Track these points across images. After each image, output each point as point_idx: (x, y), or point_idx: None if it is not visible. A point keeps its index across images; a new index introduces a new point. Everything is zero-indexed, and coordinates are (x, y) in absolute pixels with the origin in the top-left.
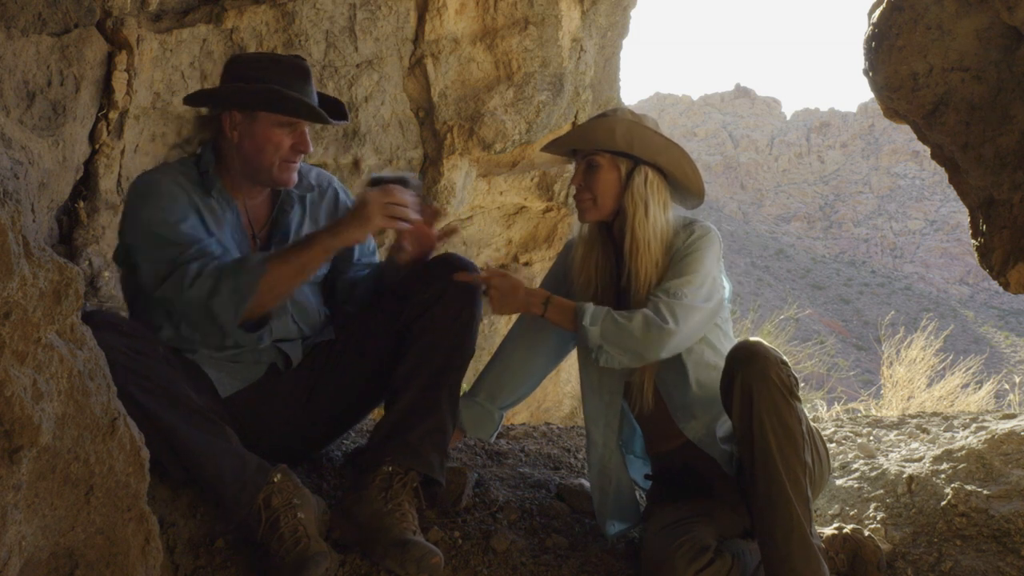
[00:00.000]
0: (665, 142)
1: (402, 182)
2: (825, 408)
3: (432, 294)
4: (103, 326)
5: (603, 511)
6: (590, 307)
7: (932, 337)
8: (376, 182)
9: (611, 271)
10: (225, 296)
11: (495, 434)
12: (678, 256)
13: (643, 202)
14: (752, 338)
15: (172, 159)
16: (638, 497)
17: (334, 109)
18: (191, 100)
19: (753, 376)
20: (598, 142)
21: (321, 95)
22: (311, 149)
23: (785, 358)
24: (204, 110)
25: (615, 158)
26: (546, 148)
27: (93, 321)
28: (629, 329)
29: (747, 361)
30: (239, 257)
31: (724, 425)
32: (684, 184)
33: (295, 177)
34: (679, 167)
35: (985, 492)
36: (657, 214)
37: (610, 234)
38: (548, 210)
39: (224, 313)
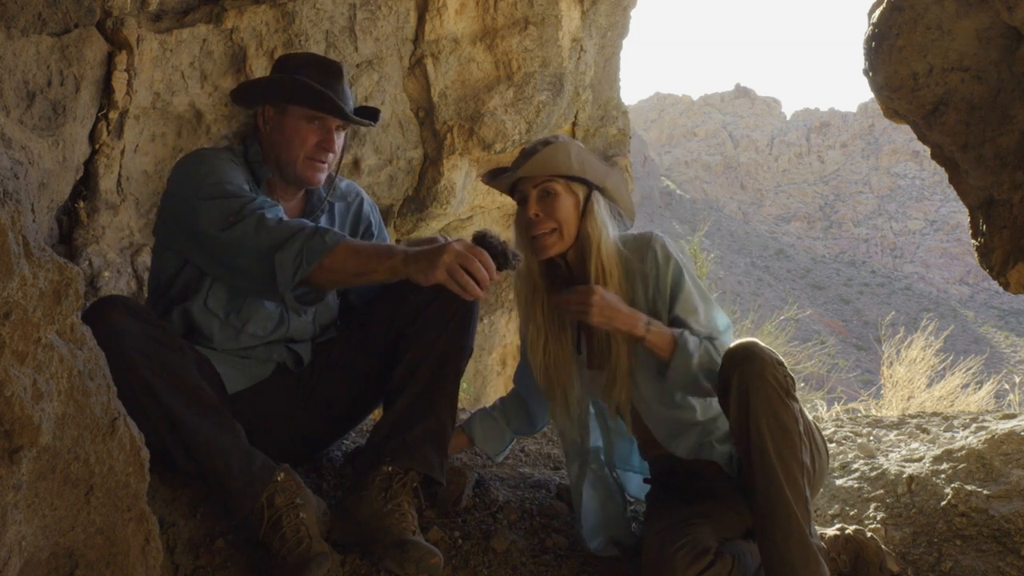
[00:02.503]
0: (606, 167)
1: (503, 255)
2: (825, 408)
3: (430, 293)
4: (121, 311)
5: (581, 529)
6: (690, 338)
7: (932, 337)
8: (481, 238)
9: (558, 311)
10: (290, 255)
11: (503, 454)
12: (657, 284)
13: (604, 227)
14: (748, 339)
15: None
16: (631, 511)
17: (368, 114)
18: (236, 96)
19: (749, 377)
20: (558, 167)
21: (359, 107)
22: (336, 149)
23: (781, 358)
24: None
25: (570, 183)
26: (494, 181)
27: (112, 305)
28: (714, 359)
29: (743, 362)
30: (318, 226)
31: (720, 429)
32: (622, 207)
33: (321, 177)
34: (619, 192)
35: (985, 492)
36: (613, 238)
37: (554, 268)
38: None
39: (283, 270)
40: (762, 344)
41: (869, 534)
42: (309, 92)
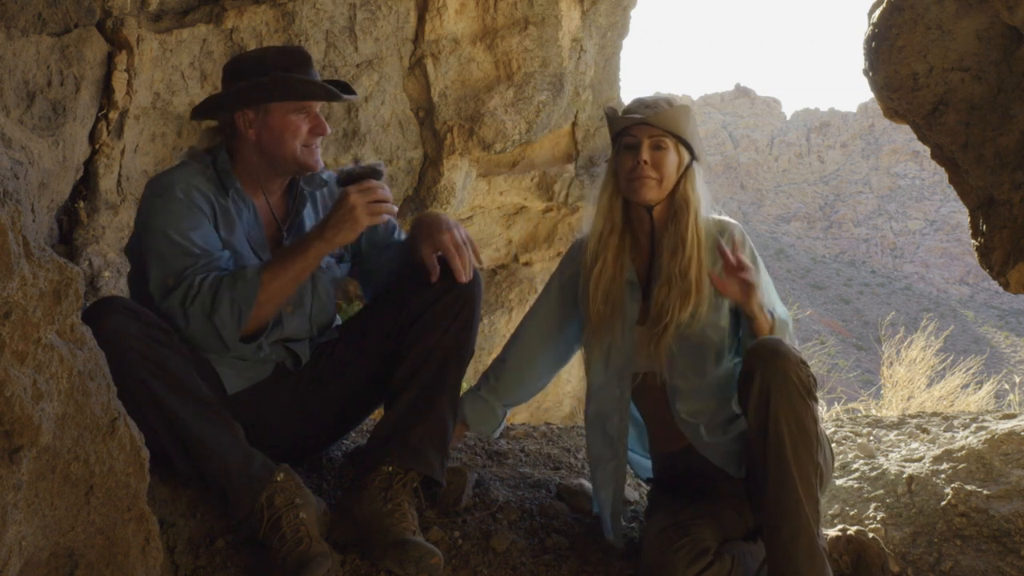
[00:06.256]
0: (703, 146)
1: (374, 173)
2: (825, 408)
3: (432, 294)
4: (120, 312)
5: (606, 515)
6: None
7: (932, 337)
8: (348, 178)
9: (628, 262)
10: (225, 311)
11: (499, 430)
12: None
13: (702, 196)
14: (773, 336)
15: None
16: (639, 496)
17: (343, 89)
18: (200, 113)
19: (772, 375)
20: (679, 127)
21: (327, 80)
22: (328, 130)
23: (805, 358)
24: (212, 122)
25: (678, 144)
26: (621, 117)
27: (110, 307)
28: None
29: (767, 359)
30: (234, 270)
31: (730, 428)
32: None
33: (319, 161)
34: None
35: (985, 492)
36: (706, 210)
37: (632, 220)
38: (548, 210)
39: (225, 328)
40: (787, 342)
41: (871, 535)
42: (293, 85)
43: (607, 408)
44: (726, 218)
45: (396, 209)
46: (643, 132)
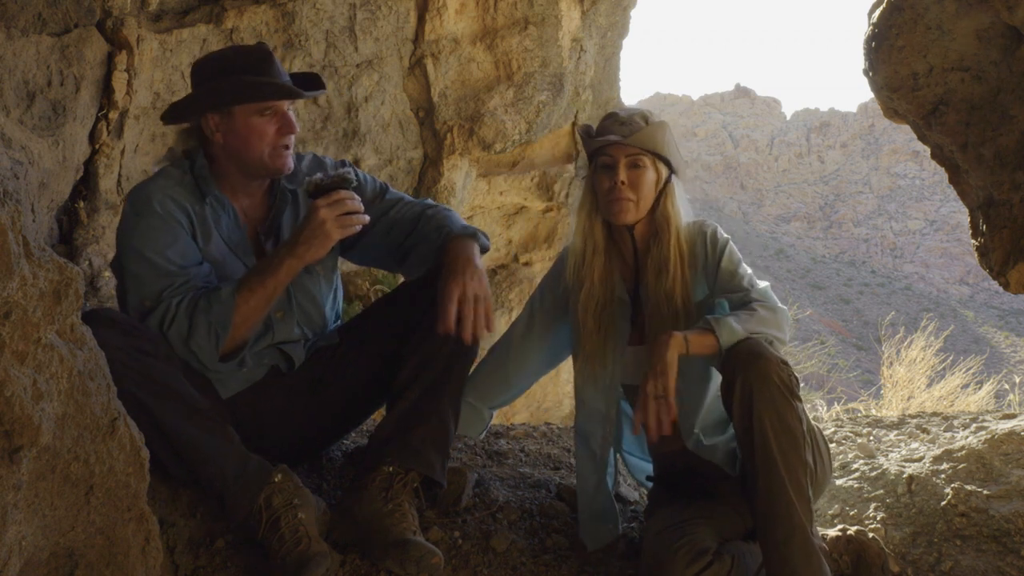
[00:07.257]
0: (683, 159)
1: (344, 182)
2: (825, 408)
3: (435, 295)
4: (105, 324)
5: (584, 517)
6: (720, 318)
7: (932, 337)
8: (317, 190)
9: (618, 280)
10: (201, 336)
11: (484, 432)
12: (706, 263)
13: (681, 211)
14: (752, 339)
15: (166, 165)
16: (639, 496)
17: (311, 83)
18: (169, 118)
19: (754, 376)
20: (656, 145)
21: (296, 74)
22: (297, 129)
23: (786, 358)
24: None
25: (656, 161)
26: (595, 139)
27: (95, 319)
28: (761, 316)
29: (748, 362)
30: (210, 291)
31: (727, 428)
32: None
33: (290, 163)
34: (682, 183)
35: (985, 492)
36: (685, 223)
37: (615, 239)
38: (548, 210)
39: (203, 352)
40: (766, 344)
41: (871, 535)
42: (251, 87)
43: (593, 423)
44: (701, 221)
45: (368, 219)
46: (620, 151)
